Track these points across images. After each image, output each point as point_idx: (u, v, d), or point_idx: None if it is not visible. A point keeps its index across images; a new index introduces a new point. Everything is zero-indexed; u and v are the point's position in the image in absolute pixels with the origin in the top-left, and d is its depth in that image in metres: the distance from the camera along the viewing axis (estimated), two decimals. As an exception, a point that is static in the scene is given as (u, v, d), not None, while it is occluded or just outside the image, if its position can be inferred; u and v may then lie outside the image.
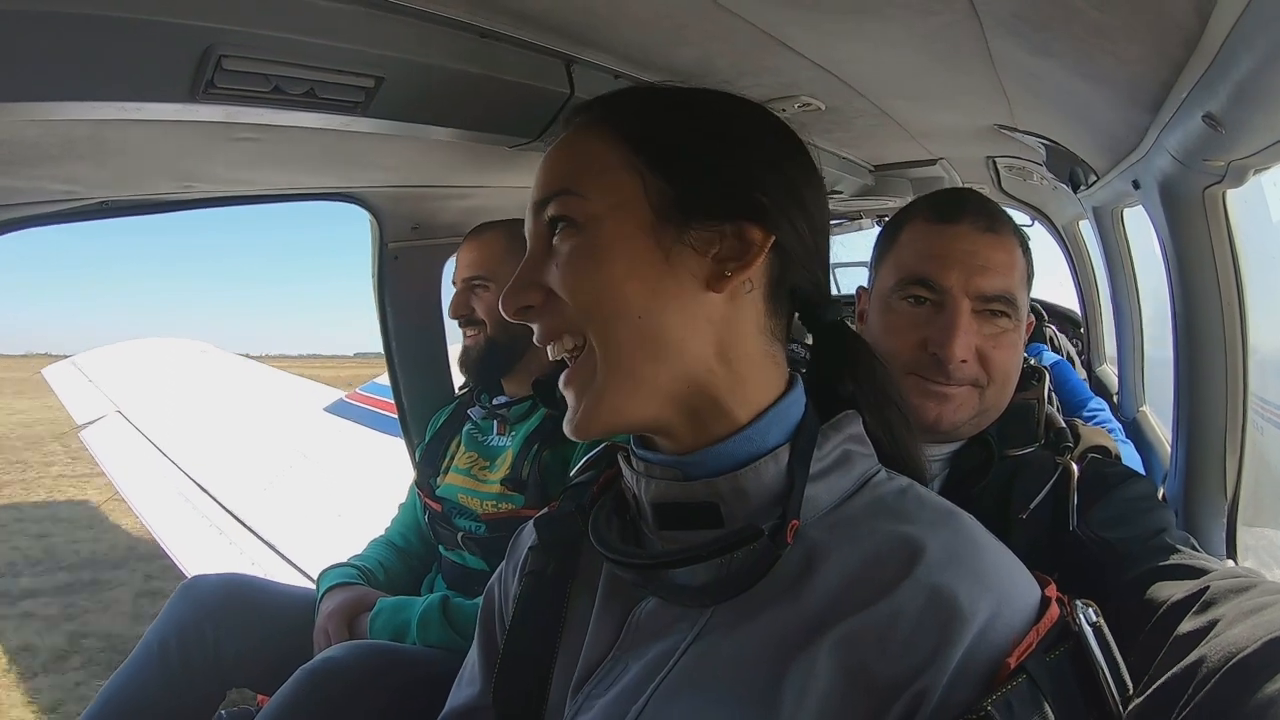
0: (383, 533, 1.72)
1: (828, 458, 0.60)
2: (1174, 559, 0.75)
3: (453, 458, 1.61)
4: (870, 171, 2.21)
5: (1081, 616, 0.52)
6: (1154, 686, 0.49)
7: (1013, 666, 0.48)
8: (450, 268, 2.01)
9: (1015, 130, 1.55)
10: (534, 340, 0.61)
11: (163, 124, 1.01)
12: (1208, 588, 0.63)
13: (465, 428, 1.62)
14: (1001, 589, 0.52)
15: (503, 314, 0.60)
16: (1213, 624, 0.53)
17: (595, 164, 0.60)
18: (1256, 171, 0.76)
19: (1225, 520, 1.03)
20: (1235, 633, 0.46)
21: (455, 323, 1.93)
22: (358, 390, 5.36)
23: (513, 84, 1.03)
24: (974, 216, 0.93)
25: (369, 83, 0.85)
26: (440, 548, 1.57)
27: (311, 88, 0.81)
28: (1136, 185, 1.10)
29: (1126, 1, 0.65)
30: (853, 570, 0.55)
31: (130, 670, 1.32)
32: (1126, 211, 1.69)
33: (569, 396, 0.60)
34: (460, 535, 1.48)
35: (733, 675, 0.55)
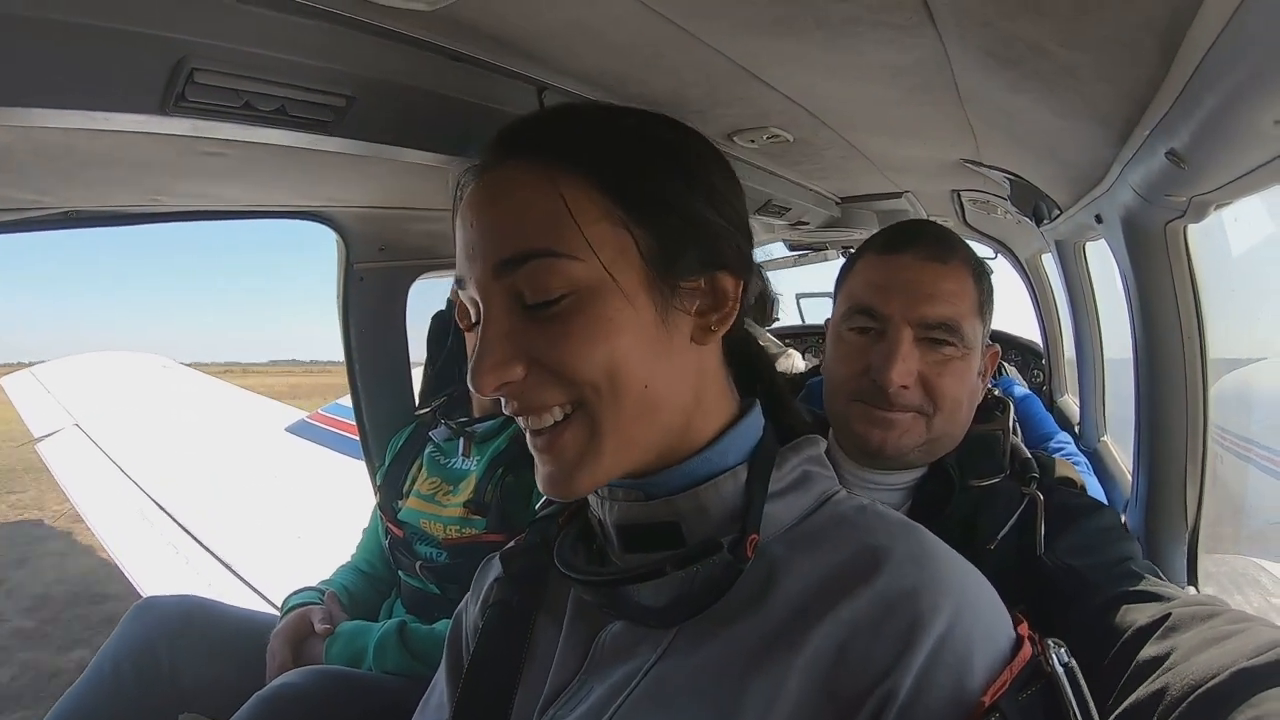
0: (349, 559, 1.69)
1: (786, 478, 0.61)
2: (1140, 585, 0.76)
3: (414, 481, 1.59)
4: (837, 204, 2.24)
5: (1054, 657, 0.51)
6: (1118, 712, 0.49)
7: (987, 705, 0.48)
8: (420, 288, 2.03)
9: (980, 165, 1.59)
10: (505, 412, 0.57)
11: (132, 135, 0.99)
12: (1170, 614, 0.64)
13: (426, 450, 1.60)
14: (962, 595, 0.53)
15: (475, 390, 0.54)
16: (1173, 650, 0.53)
17: (573, 216, 0.54)
18: (1218, 207, 0.79)
19: (1186, 548, 1.04)
20: (1199, 660, 0.46)
21: (414, 345, 1.95)
22: (320, 411, 5.29)
23: (484, 108, 1.02)
24: (921, 247, 0.96)
25: (340, 101, 0.84)
26: (400, 572, 1.54)
27: (283, 104, 0.79)
28: (1099, 219, 1.13)
29: (1095, 42, 0.67)
30: (814, 581, 0.55)
31: (80, 691, 1.27)
32: (1089, 245, 1.74)
33: (551, 461, 0.57)
34: (419, 564, 1.46)
35: (695, 692, 0.55)
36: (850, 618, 0.52)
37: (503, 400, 0.57)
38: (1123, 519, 0.95)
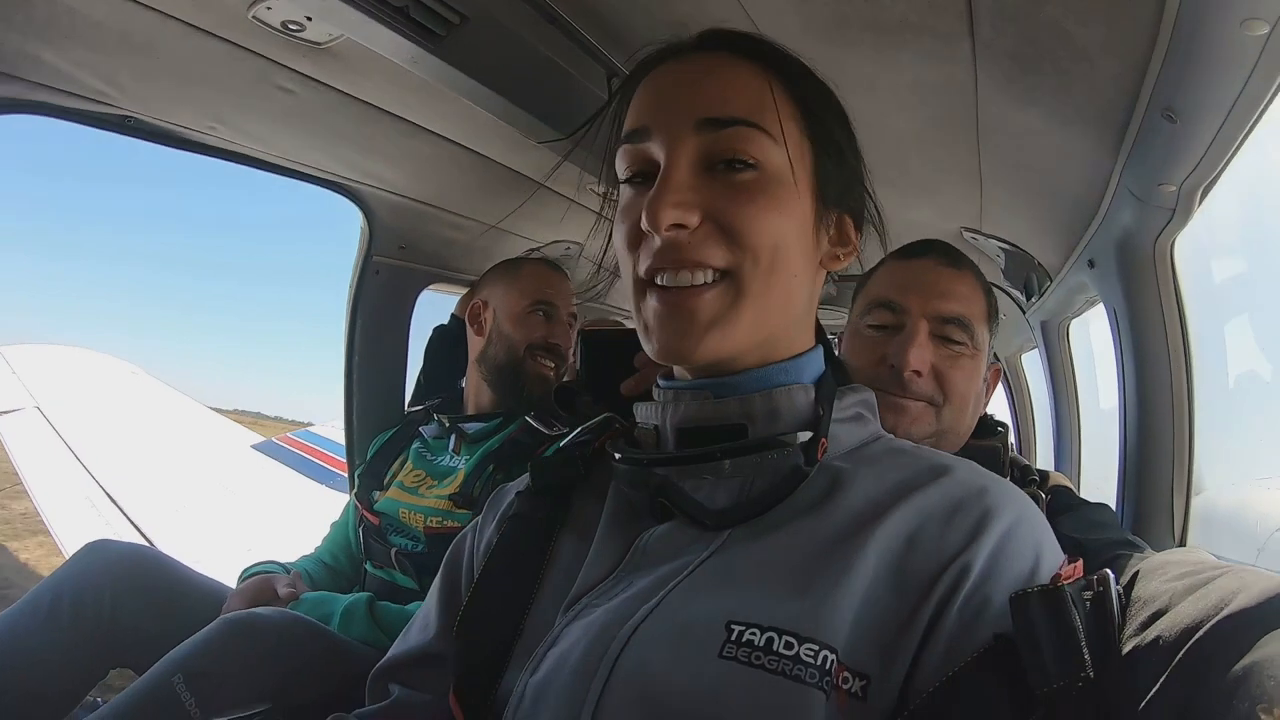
0: (313, 551, 1.63)
1: (846, 411, 0.64)
2: (1133, 550, 0.79)
3: (395, 474, 1.57)
4: (834, 280, 2.34)
5: (1110, 580, 0.52)
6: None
7: (1061, 582, 0.49)
8: (427, 299, 2.07)
9: (979, 233, 1.72)
10: (659, 263, 0.58)
11: (218, 44, 1.05)
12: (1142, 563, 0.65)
13: (414, 445, 1.59)
14: (1025, 504, 0.56)
15: (651, 226, 0.56)
16: (1157, 597, 0.53)
17: (776, 108, 0.60)
18: (1204, 194, 0.87)
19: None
20: (1184, 610, 0.47)
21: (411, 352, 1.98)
22: (288, 435, 5.20)
23: (563, 73, 1.11)
24: (938, 254, 1.05)
25: (455, 18, 0.91)
26: (368, 564, 1.49)
27: (407, 4, 0.86)
28: (1091, 264, 1.24)
29: (1103, 19, 0.75)
30: (879, 490, 0.57)
31: (12, 616, 1.16)
32: (1071, 325, 1.88)
33: (682, 319, 0.58)
34: (393, 551, 1.42)
35: (759, 577, 0.54)
36: (920, 509, 0.54)
37: (657, 248, 0.58)
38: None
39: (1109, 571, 0.52)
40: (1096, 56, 0.75)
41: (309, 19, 1.02)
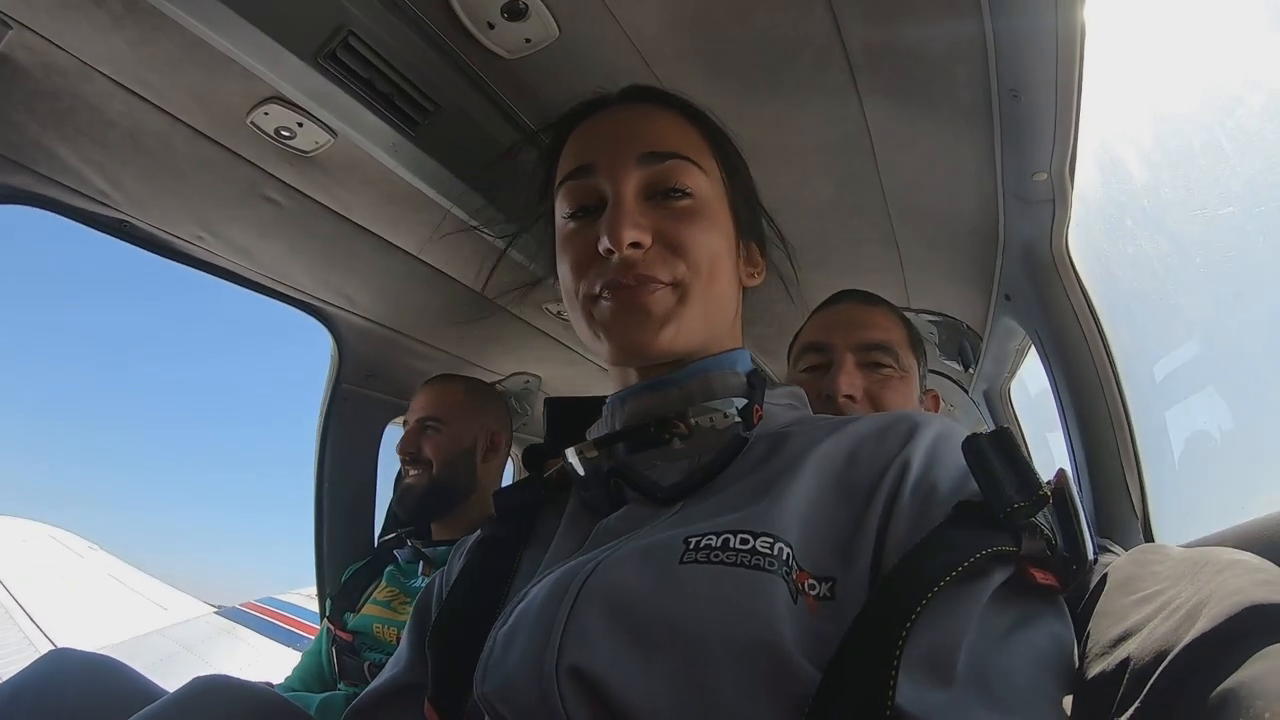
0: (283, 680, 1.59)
1: (780, 399, 0.73)
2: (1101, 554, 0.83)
3: (370, 595, 1.59)
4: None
5: (1067, 475, 0.54)
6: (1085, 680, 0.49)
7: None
8: (391, 434, 2.11)
9: (909, 310, 1.88)
10: (615, 277, 0.64)
11: (215, 149, 1.19)
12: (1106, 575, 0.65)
13: (388, 568, 1.62)
14: (948, 420, 0.63)
15: (613, 245, 0.63)
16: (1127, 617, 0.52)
17: (699, 148, 0.71)
18: (1072, 174, 1.01)
19: (1141, 535, 1.08)
20: (1156, 632, 0.45)
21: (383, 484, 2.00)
22: (252, 600, 4.95)
23: (517, 163, 1.25)
24: (854, 297, 1.21)
25: (431, 106, 1.06)
26: (341, 684, 1.45)
27: (391, 92, 1.01)
28: (1008, 298, 1.38)
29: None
30: (813, 443, 0.62)
31: None
32: (1012, 389, 2.00)
33: (639, 312, 0.64)
34: (367, 665, 1.43)
35: (716, 513, 0.58)
36: (854, 434, 0.61)
37: (614, 264, 0.65)
38: None
39: (1063, 469, 0.55)
40: (950, 59, 0.91)
41: (300, 125, 1.17)
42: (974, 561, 0.45)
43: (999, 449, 0.53)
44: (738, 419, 0.66)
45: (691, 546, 0.52)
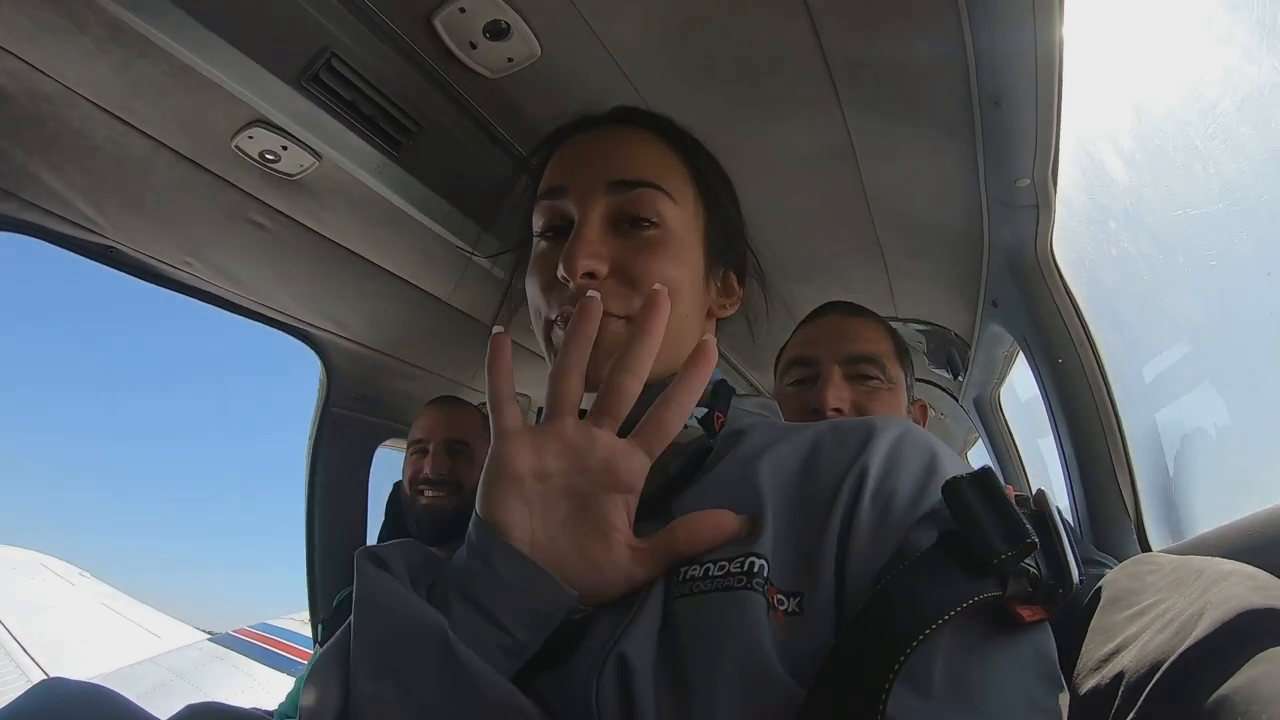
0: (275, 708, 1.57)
1: (748, 407, 0.72)
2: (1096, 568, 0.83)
3: None
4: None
5: (1046, 497, 0.54)
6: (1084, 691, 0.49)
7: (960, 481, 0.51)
8: (382, 457, 2.09)
9: (896, 319, 1.89)
10: (571, 306, 0.62)
11: (200, 173, 1.19)
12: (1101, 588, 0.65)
13: None
14: (907, 421, 0.61)
15: (567, 273, 0.62)
16: (1119, 631, 0.53)
17: (675, 174, 0.69)
18: (1055, 178, 1.03)
19: (1135, 537, 1.08)
20: (1152, 643, 0.46)
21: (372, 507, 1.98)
22: (247, 626, 4.89)
23: (501, 183, 1.25)
24: (840, 309, 1.20)
25: (414, 127, 1.06)
26: None
27: (375, 114, 1.01)
28: (995, 304, 1.39)
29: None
30: (769, 443, 0.62)
31: None
32: (1002, 395, 2.01)
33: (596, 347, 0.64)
34: None
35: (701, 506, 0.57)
36: (811, 439, 0.60)
37: (570, 293, 0.63)
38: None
39: (1042, 489, 0.55)
40: (930, 69, 0.92)
41: (284, 148, 1.17)
42: (962, 610, 0.44)
43: (982, 494, 0.50)
44: (699, 430, 0.65)
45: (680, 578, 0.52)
